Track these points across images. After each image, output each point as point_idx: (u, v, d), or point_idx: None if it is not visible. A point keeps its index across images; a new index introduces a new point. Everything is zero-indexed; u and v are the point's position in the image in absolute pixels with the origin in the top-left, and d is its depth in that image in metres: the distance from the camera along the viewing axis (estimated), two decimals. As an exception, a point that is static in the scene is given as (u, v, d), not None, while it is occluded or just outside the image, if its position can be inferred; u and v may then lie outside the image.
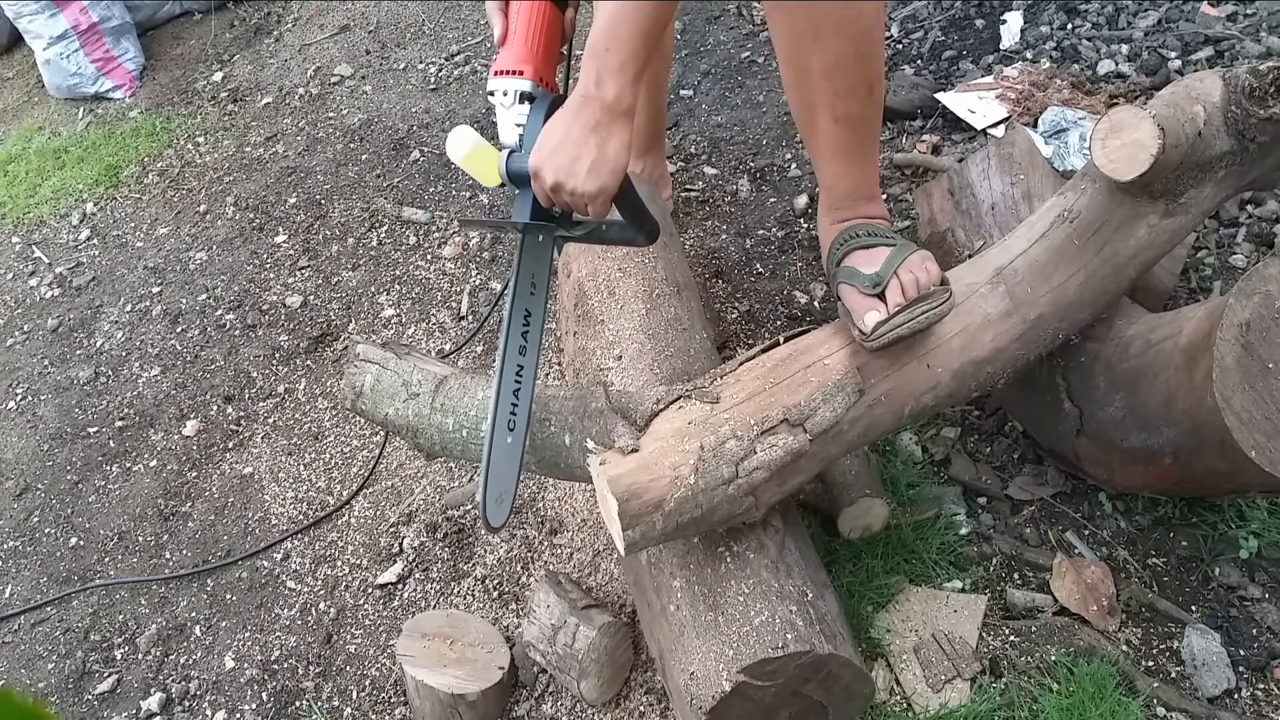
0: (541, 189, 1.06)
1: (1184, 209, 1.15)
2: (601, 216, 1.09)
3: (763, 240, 1.94)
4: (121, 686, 1.59)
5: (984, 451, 1.51)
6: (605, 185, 1.03)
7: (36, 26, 2.95)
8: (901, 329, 1.06)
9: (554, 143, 1.04)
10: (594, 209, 1.06)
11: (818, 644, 1.06)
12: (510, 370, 1.10)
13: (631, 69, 1.01)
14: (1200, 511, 1.34)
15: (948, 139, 2.00)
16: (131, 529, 1.82)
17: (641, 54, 1.01)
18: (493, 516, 1.05)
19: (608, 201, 1.06)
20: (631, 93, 1.02)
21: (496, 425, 1.07)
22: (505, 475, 1.08)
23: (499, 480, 1.07)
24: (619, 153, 1.03)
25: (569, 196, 1.05)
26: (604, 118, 1.02)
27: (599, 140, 1.02)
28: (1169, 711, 1.19)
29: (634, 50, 1.00)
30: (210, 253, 2.37)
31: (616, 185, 1.05)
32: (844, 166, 1.16)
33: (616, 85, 1.01)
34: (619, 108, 1.02)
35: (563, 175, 1.03)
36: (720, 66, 2.41)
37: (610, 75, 1.00)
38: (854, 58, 1.04)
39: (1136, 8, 2.10)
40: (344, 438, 1.85)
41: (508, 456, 1.09)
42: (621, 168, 1.05)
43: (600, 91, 1.01)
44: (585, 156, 1.01)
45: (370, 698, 1.46)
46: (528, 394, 1.12)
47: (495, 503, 1.06)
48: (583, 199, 1.04)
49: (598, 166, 1.02)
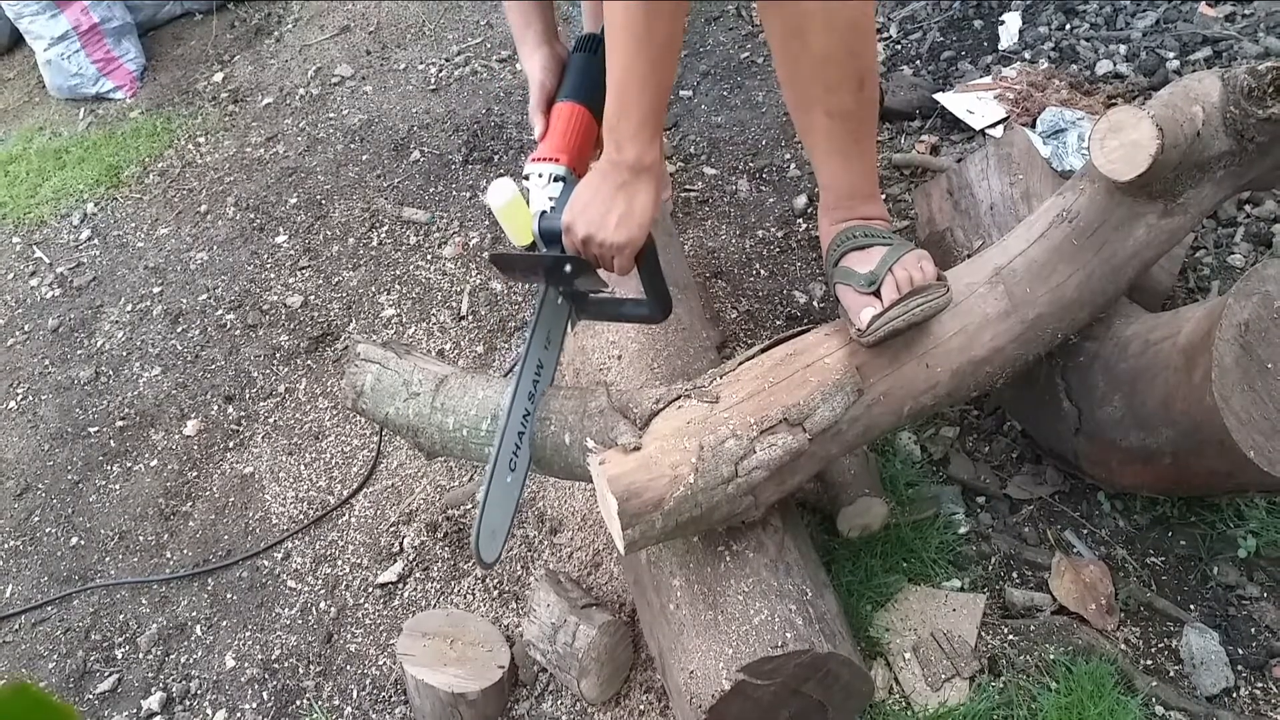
0: (573, 242, 1.13)
1: (1182, 209, 1.15)
2: (626, 271, 1.15)
3: (762, 240, 1.95)
4: (122, 686, 1.59)
5: (983, 451, 1.51)
6: (633, 237, 1.10)
7: (37, 27, 2.95)
8: (897, 322, 1.07)
9: (585, 200, 1.11)
10: (620, 261, 1.12)
11: (817, 643, 1.07)
12: (518, 413, 1.15)
13: (647, 130, 1.07)
14: (1199, 511, 1.35)
15: (946, 139, 2.01)
16: (132, 529, 1.83)
17: (653, 115, 1.07)
18: (485, 552, 1.09)
19: (633, 255, 1.13)
20: (651, 151, 1.09)
21: (498, 464, 1.11)
22: (501, 513, 1.12)
23: (494, 517, 1.11)
24: (646, 208, 1.10)
25: (598, 248, 1.11)
26: (629, 176, 1.09)
27: (627, 197, 1.09)
28: (1167, 710, 1.20)
29: (645, 113, 1.06)
30: (211, 253, 2.38)
31: (643, 238, 1.12)
32: (840, 164, 1.17)
33: (636, 147, 1.07)
34: (641, 166, 1.08)
35: (594, 228, 1.10)
36: (720, 67, 2.42)
37: (628, 140, 1.07)
38: (843, 52, 1.06)
39: (1135, 8, 2.10)
40: (344, 437, 1.85)
41: (506, 495, 1.13)
42: (648, 222, 1.11)
43: (622, 155, 1.08)
44: (615, 211, 1.09)
45: (370, 697, 1.46)
46: (530, 438, 1.18)
47: (489, 538, 1.09)
48: (611, 250, 1.11)
49: (626, 220, 1.09)
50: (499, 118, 2.49)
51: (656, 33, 1.02)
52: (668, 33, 1.03)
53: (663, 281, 1.20)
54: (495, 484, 1.10)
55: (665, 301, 1.21)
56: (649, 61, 1.04)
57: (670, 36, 1.04)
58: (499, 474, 1.11)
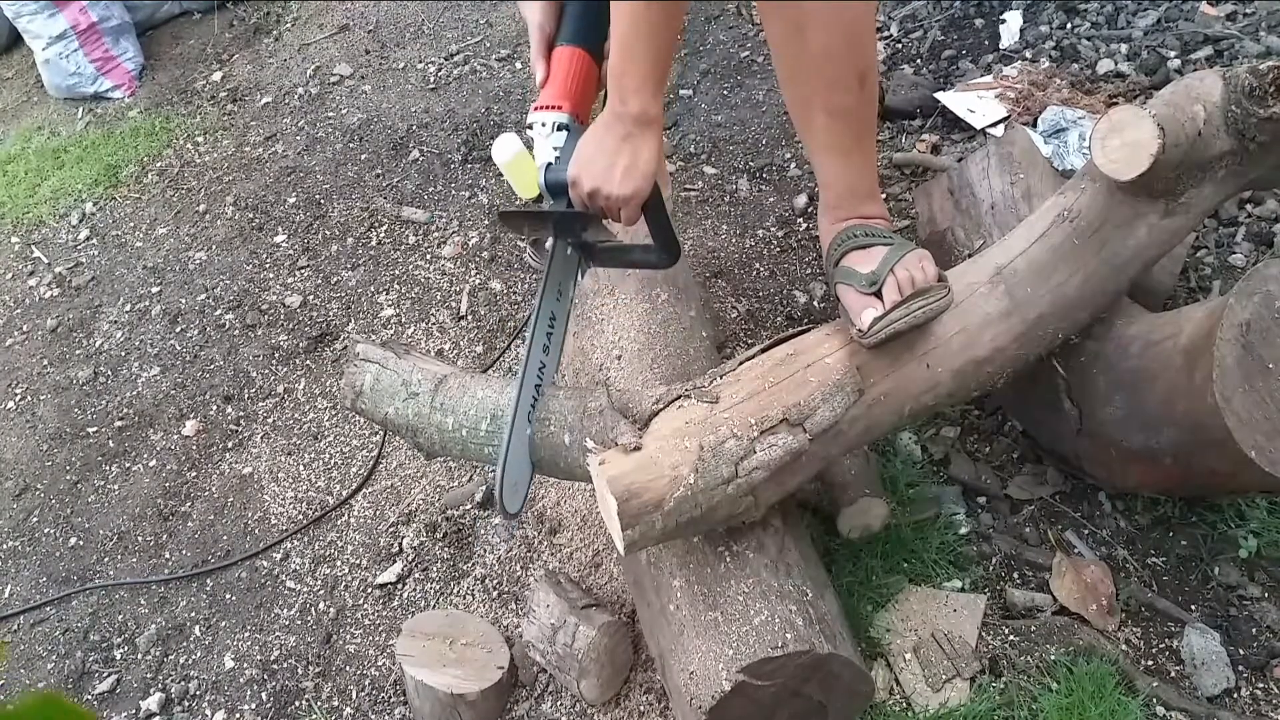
0: (579, 194, 1.14)
1: (1184, 208, 1.15)
2: (633, 222, 1.15)
3: (762, 240, 1.94)
4: (121, 686, 1.59)
5: (983, 451, 1.51)
6: (639, 189, 1.11)
7: (36, 26, 2.94)
8: (898, 324, 1.07)
9: (590, 153, 1.12)
10: (627, 212, 1.13)
11: (817, 643, 1.07)
12: (534, 366, 1.16)
13: (651, 84, 1.08)
14: (1200, 511, 1.34)
15: (947, 138, 2.00)
16: (131, 529, 1.82)
17: (657, 69, 1.08)
18: (509, 502, 1.10)
19: (639, 206, 1.13)
20: (655, 104, 1.09)
21: (517, 417, 1.12)
22: (522, 464, 1.14)
23: (515, 469, 1.12)
24: (650, 159, 1.11)
25: (604, 201, 1.12)
26: (634, 128, 1.09)
27: (631, 149, 1.09)
28: (1168, 711, 1.19)
29: (649, 67, 1.07)
30: (209, 252, 2.37)
31: (649, 190, 1.12)
32: (840, 162, 1.17)
33: (640, 100, 1.08)
34: (645, 119, 1.09)
35: (599, 180, 1.10)
36: (720, 66, 2.41)
37: (632, 93, 1.08)
38: (843, 49, 1.06)
39: (1136, 7, 2.10)
40: (343, 437, 1.85)
41: (526, 447, 1.15)
42: (652, 173, 1.12)
43: (626, 108, 1.08)
44: (620, 163, 1.09)
45: (370, 697, 1.46)
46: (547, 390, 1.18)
47: (511, 490, 1.11)
48: (618, 202, 1.11)
49: (631, 171, 1.10)
50: (498, 117, 2.48)
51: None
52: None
53: (670, 229, 1.20)
54: (515, 436, 1.11)
55: (673, 248, 1.22)
56: (654, 14, 1.04)
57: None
58: (518, 426, 1.12)
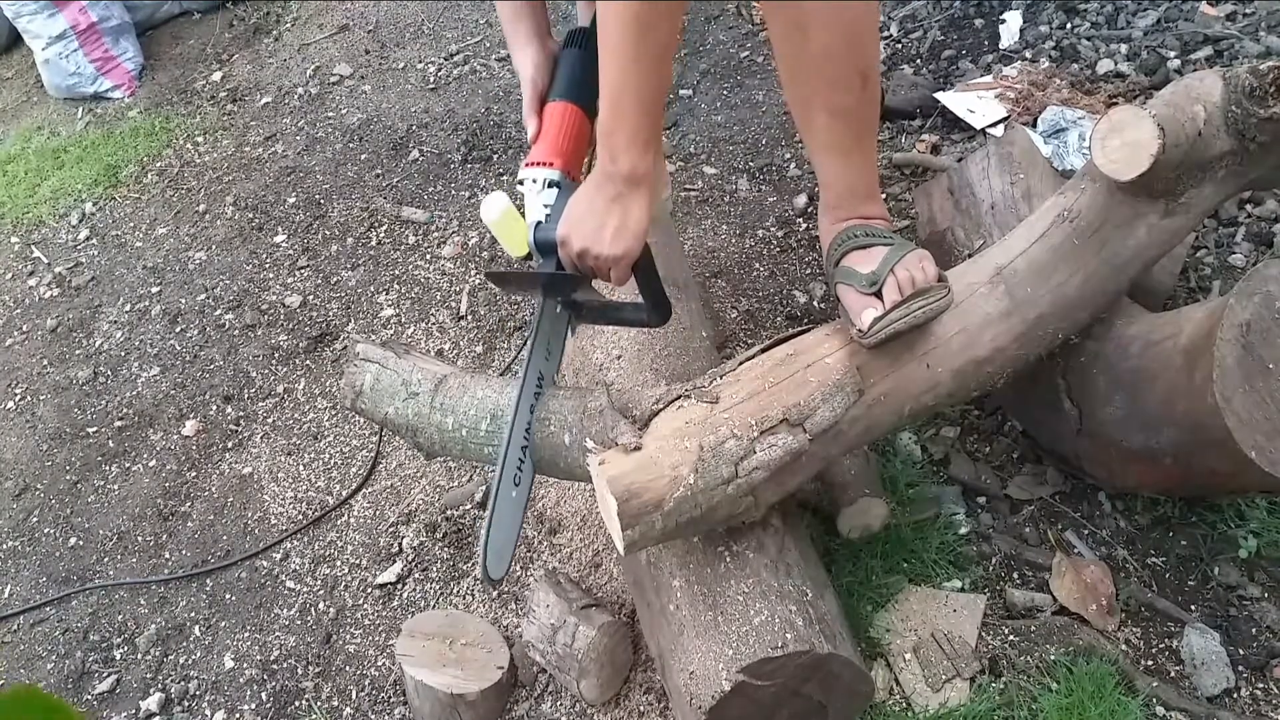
0: (568, 255, 1.12)
1: (1184, 209, 1.15)
2: (623, 282, 1.14)
3: (762, 240, 1.94)
4: (121, 687, 1.59)
5: (983, 451, 1.51)
6: (629, 249, 1.09)
7: (35, 26, 2.94)
8: (898, 324, 1.07)
9: (579, 213, 1.10)
10: (617, 273, 1.11)
11: (817, 643, 1.06)
12: (520, 428, 1.14)
13: (640, 140, 1.06)
14: (1200, 511, 1.34)
15: (947, 138, 2.00)
16: (131, 529, 1.82)
17: (646, 125, 1.05)
18: (493, 569, 1.08)
19: (629, 266, 1.12)
20: (645, 162, 1.07)
21: (503, 479, 1.10)
22: (507, 529, 1.12)
23: (501, 533, 1.10)
24: (640, 219, 1.09)
25: (594, 261, 1.10)
26: (624, 188, 1.07)
27: (621, 209, 1.08)
28: (1168, 711, 1.19)
29: (638, 124, 1.05)
30: (209, 252, 2.37)
31: (639, 250, 1.11)
32: (841, 162, 1.17)
33: (630, 159, 1.06)
34: (635, 177, 1.07)
35: (589, 241, 1.09)
36: (719, 66, 2.41)
37: (622, 151, 1.06)
38: (844, 49, 1.06)
39: (1136, 7, 2.10)
40: (343, 437, 1.85)
41: (511, 510, 1.13)
42: (643, 233, 1.10)
43: (616, 167, 1.06)
44: (610, 224, 1.08)
45: (370, 698, 1.46)
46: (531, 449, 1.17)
47: (496, 556, 1.09)
48: (607, 263, 1.10)
49: (621, 232, 1.08)
50: (498, 117, 2.48)
51: (651, 42, 1.00)
52: (662, 42, 1.01)
53: (661, 288, 1.19)
54: (500, 500, 1.09)
55: (664, 307, 1.21)
56: (643, 71, 1.02)
57: (665, 46, 1.02)
58: (504, 490, 1.10)
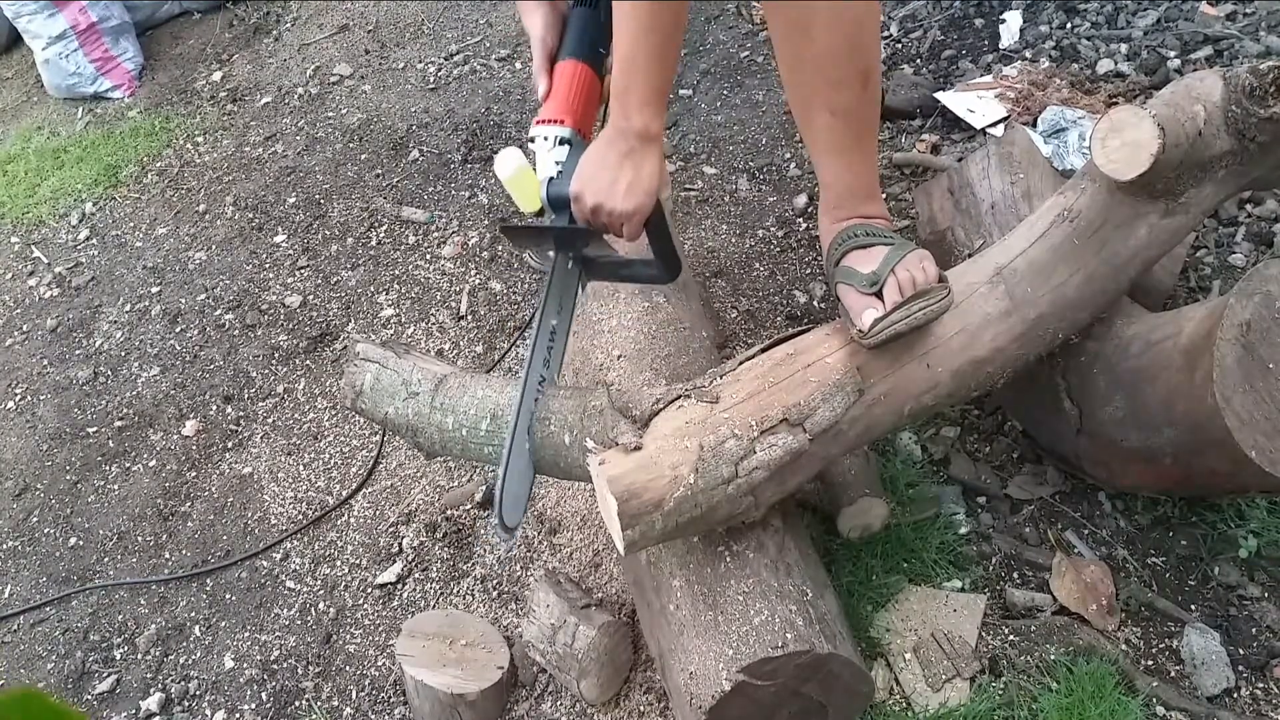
0: (581, 210, 1.14)
1: (1184, 208, 1.15)
2: (635, 238, 1.15)
3: (762, 239, 1.94)
4: (121, 686, 1.59)
5: (983, 451, 1.51)
6: (641, 204, 1.11)
7: (35, 26, 2.94)
8: (899, 325, 1.07)
9: (592, 168, 1.12)
10: (629, 228, 1.13)
11: (817, 643, 1.07)
12: (534, 380, 1.16)
13: (654, 100, 1.08)
14: (1200, 511, 1.34)
15: (947, 138, 2.00)
16: (131, 529, 1.82)
17: (660, 86, 1.08)
18: (509, 516, 1.09)
19: (642, 222, 1.13)
20: (658, 121, 1.10)
21: (517, 431, 1.12)
22: (522, 478, 1.14)
23: (515, 483, 1.12)
24: (652, 175, 1.11)
25: (607, 217, 1.12)
26: (636, 144, 1.09)
27: (634, 165, 1.10)
28: (1168, 710, 1.19)
29: (652, 83, 1.07)
30: (209, 252, 2.37)
31: (651, 206, 1.13)
32: (841, 162, 1.17)
33: (643, 117, 1.08)
34: (648, 135, 1.10)
35: (602, 196, 1.11)
36: (720, 66, 2.41)
37: (635, 109, 1.08)
38: (846, 49, 1.06)
39: (1136, 7, 2.10)
40: (343, 437, 1.85)
41: (526, 461, 1.15)
42: (654, 189, 1.12)
43: (629, 124, 1.09)
44: (622, 179, 1.10)
45: (370, 698, 1.46)
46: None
47: (512, 504, 1.11)
48: (620, 218, 1.12)
49: (634, 187, 1.10)
50: (498, 117, 2.48)
51: (666, 6, 1.03)
52: (677, 6, 1.04)
53: (671, 245, 1.21)
54: (515, 450, 1.11)
55: (674, 263, 1.23)
56: (658, 33, 1.05)
57: (679, 10, 1.05)
58: (518, 440, 1.12)
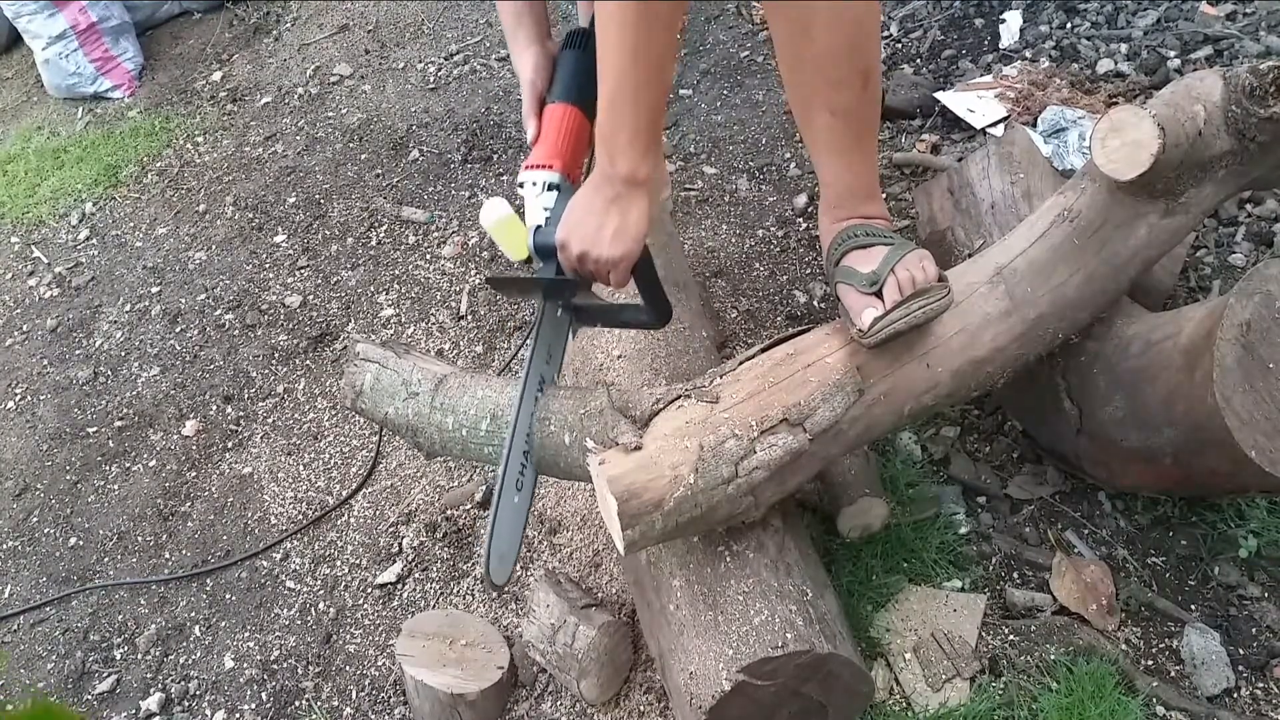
0: (568, 259, 1.12)
1: (1184, 208, 1.15)
2: (622, 284, 1.14)
3: (762, 239, 1.94)
4: (121, 686, 1.59)
5: (983, 451, 1.51)
6: (628, 251, 1.09)
7: (35, 26, 2.94)
8: (899, 324, 1.07)
9: (578, 215, 1.10)
10: (616, 275, 1.11)
11: (817, 643, 1.07)
12: (522, 432, 1.14)
13: (640, 143, 1.05)
14: (1200, 511, 1.34)
15: (947, 138, 2.00)
16: (131, 529, 1.82)
17: (647, 127, 1.05)
18: (496, 574, 1.08)
19: (629, 269, 1.11)
20: (645, 164, 1.06)
21: (505, 484, 1.10)
22: (510, 534, 1.11)
23: (503, 539, 1.09)
24: (639, 221, 1.09)
25: (593, 265, 1.10)
26: (623, 190, 1.07)
27: (620, 210, 1.07)
28: (1168, 710, 1.19)
29: (637, 126, 1.04)
30: (209, 252, 2.37)
31: (638, 252, 1.11)
32: (841, 162, 1.17)
33: (629, 161, 1.05)
34: (634, 180, 1.06)
35: (588, 244, 1.08)
36: (719, 66, 2.41)
37: (621, 153, 1.05)
38: (846, 49, 1.06)
39: (1136, 7, 2.10)
40: (343, 437, 1.85)
41: (513, 516, 1.12)
42: (642, 235, 1.10)
43: (615, 169, 1.06)
44: (609, 226, 1.07)
45: (370, 698, 1.46)
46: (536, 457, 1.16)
47: (499, 561, 1.08)
48: (606, 265, 1.09)
49: (620, 234, 1.08)
50: (498, 116, 2.48)
51: (651, 44, 0.99)
52: (662, 44, 1.00)
53: (660, 290, 1.19)
54: (503, 505, 1.09)
55: (664, 309, 1.21)
56: (643, 73, 1.01)
57: (665, 47, 1.01)
58: (506, 494, 1.10)
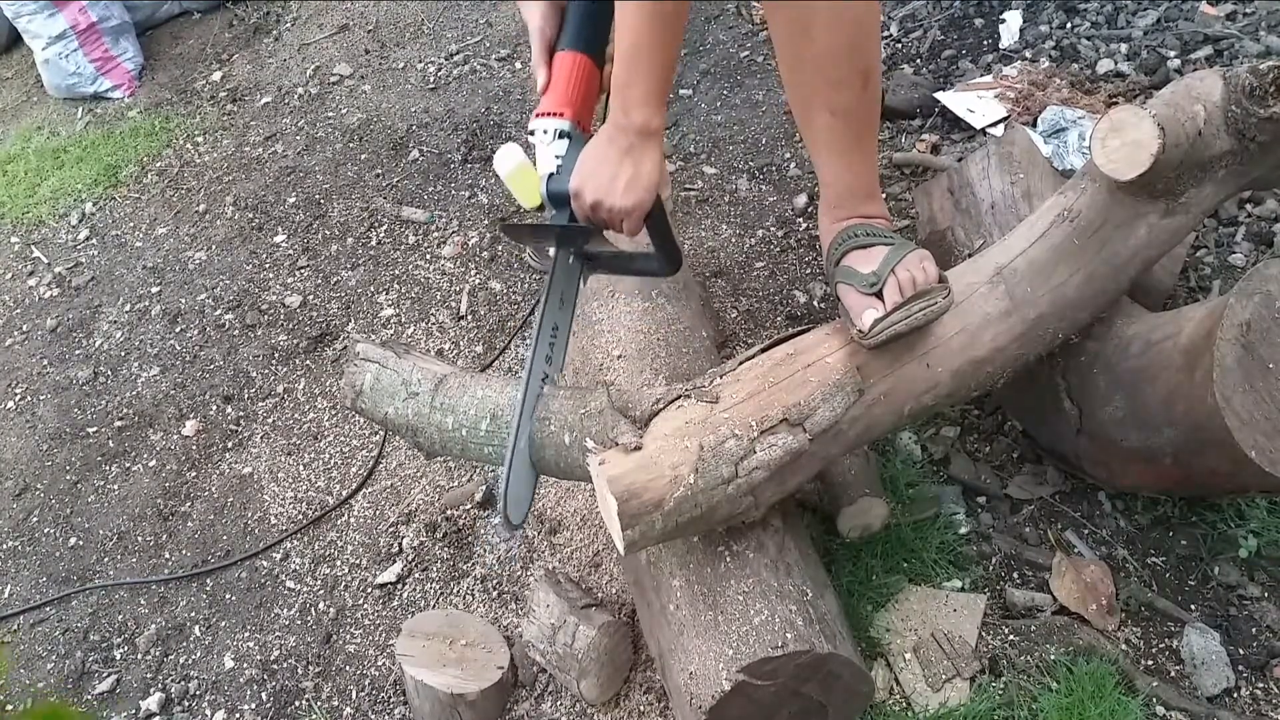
0: (581, 207, 1.14)
1: (1184, 208, 1.15)
2: (635, 233, 1.16)
3: (762, 239, 1.94)
4: (121, 686, 1.59)
5: (983, 451, 1.51)
6: (641, 200, 1.11)
7: (35, 26, 2.94)
8: (899, 326, 1.07)
9: (592, 165, 1.12)
10: (629, 224, 1.13)
11: (817, 643, 1.07)
12: (537, 376, 1.16)
13: (655, 96, 1.08)
14: (1200, 511, 1.34)
15: (947, 138, 2.00)
16: (131, 529, 1.82)
17: (660, 81, 1.08)
18: (513, 514, 1.10)
19: (641, 218, 1.14)
20: (658, 116, 1.10)
21: (520, 428, 1.12)
22: (526, 476, 1.14)
23: (519, 481, 1.12)
24: (652, 171, 1.11)
25: (607, 213, 1.12)
26: (636, 140, 1.09)
27: (633, 161, 1.10)
28: (1168, 710, 1.19)
29: (653, 79, 1.07)
30: (209, 252, 2.37)
31: (651, 201, 1.13)
32: (841, 162, 1.17)
33: (643, 113, 1.08)
34: (648, 131, 1.10)
35: (602, 193, 1.11)
36: (719, 66, 2.41)
37: (636, 105, 1.08)
38: (846, 49, 1.06)
39: (1136, 7, 2.10)
40: (343, 437, 1.85)
41: (529, 458, 1.15)
42: (654, 185, 1.12)
43: (629, 119, 1.09)
44: (622, 175, 1.10)
45: (370, 698, 1.46)
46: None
47: (515, 501, 1.11)
48: (620, 214, 1.12)
49: (633, 184, 1.10)
50: (498, 116, 2.48)
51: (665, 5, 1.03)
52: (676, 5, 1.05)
53: (672, 239, 1.21)
54: (519, 448, 1.12)
55: (675, 256, 1.23)
56: (659, 30, 1.05)
57: (678, 9, 1.06)
58: (521, 437, 1.13)
